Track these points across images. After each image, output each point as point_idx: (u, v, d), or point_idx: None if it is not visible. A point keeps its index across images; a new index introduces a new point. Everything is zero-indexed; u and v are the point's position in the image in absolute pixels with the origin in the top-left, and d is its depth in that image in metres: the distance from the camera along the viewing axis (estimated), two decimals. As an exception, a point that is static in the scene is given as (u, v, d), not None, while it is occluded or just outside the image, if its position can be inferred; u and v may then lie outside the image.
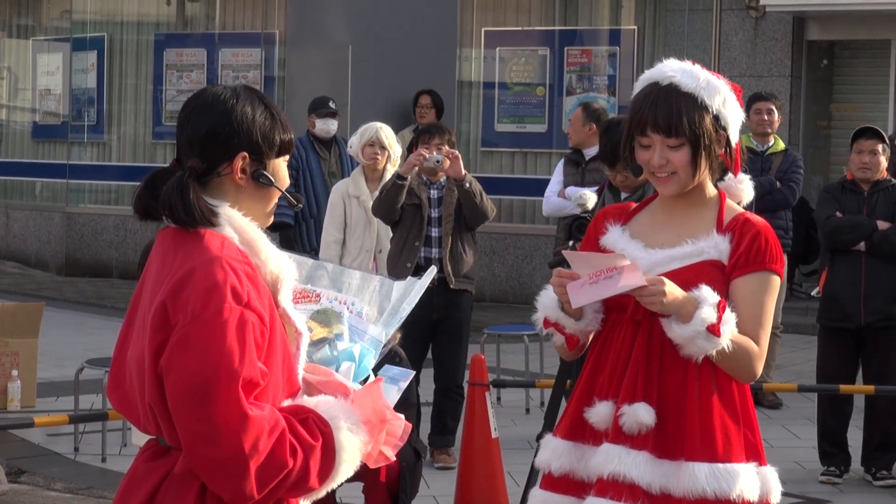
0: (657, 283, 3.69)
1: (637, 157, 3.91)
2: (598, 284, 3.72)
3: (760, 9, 14.60)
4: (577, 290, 3.75)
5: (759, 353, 3.81)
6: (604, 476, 3.78)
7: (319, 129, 11.04)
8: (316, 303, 3.26)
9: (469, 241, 8.44)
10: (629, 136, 3.92)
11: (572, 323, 3.90)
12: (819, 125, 15.39)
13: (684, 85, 3.87)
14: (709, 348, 3.71)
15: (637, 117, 3.88)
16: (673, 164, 3.84)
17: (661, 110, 3.83)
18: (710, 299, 3.71)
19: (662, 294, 3.67)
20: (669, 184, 3.87)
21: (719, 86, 3.90)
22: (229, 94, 3.13)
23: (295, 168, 10.71)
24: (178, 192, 3.03)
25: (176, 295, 2.95)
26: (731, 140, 3.93)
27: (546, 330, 3.97)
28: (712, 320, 3.69)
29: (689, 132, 3.81)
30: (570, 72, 15.52)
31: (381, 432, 3.10)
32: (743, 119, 4.00)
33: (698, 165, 3.85)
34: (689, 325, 3.69)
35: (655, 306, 3.70)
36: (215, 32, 17.52)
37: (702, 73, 3.91)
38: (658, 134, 3.83)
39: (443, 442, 8.45)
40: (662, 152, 3.84)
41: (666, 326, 3.76)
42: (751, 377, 3.83)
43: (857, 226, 8.21)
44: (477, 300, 9.59)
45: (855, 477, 8.29)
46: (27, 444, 8.85)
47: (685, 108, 3.83)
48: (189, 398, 2.90)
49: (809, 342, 12.08)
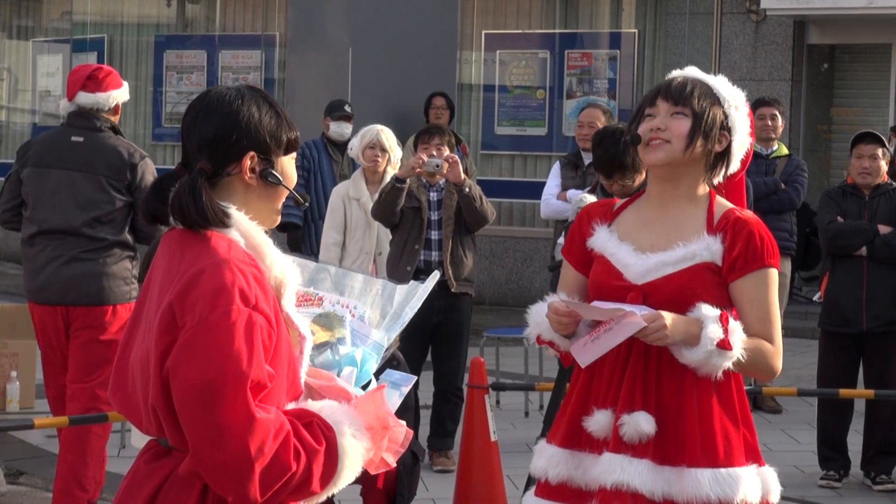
0: (656, 318, 3.69)
1: (639, 129, 3.93)
2: (599, 340, 3.77)
3: (761, 12, 14.60)
4: (581, 350, 3.83)
5: (774, 351, 3.83)
6: (607, 486, 3.77)
7: (333, 132, 11.04)
8: (318, 306, 3.26)
9: (469, 244, 8.42)
10: (639, 114, 3.96)
11: (567, 343, 3.93)
12: (819, 129, 15.40)
13: (707, 79, 3.97)
14: (724, 363, 3.73)
15: (651, 92, 3.97)
16: (670, 131, 3.86)
17: (675, 83, 3.92)
18: (712, 315, 3.71)
19: (664, 328, 3.68)
20: (658, 150, 3.88)
21: (738, 97, 3.98)
22: (234, 94, 3.13)
23: (307, 169, 10.72)
24: (190, 194, 3.02)
25: (183, 297, 2.95)
26: (731, 146, 3.92)
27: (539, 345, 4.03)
28: (720, 336, 3.69)
29: (696, 105, 3.87)
30: (570, 75, 15.52)
31: (383, 439, 3.10)
32: (748, 131, 4.01)
33: (693, 141, 3.86)
34: (700, 348, 3.70)
35: (662, 342, 3.71)
36: (215, 34, 17.52)
37: (725, 81, 4.01)
38: (667, 102, 3.89)
39: (442, 445, 8.44)
40: (665, 118, 3.88)
41: (677, 354, 3.76)
42: (772, 375, 3.88)
43: (858, 231, 8.21)
44: (476, 303, 9.59)
45: (854, 481, 8.29)
46: (26, 445, 8.84)
47: (699, 88, 3.91)
48: (196, 400, 2.89)
49: (809, 346, 12.07)
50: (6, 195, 7.17)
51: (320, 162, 10.91)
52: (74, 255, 6.92)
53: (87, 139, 7.04)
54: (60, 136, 7.12)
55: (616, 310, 3.73)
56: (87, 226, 6.94)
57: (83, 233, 6.93)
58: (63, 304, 6.93)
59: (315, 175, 10.83)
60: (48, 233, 6.98)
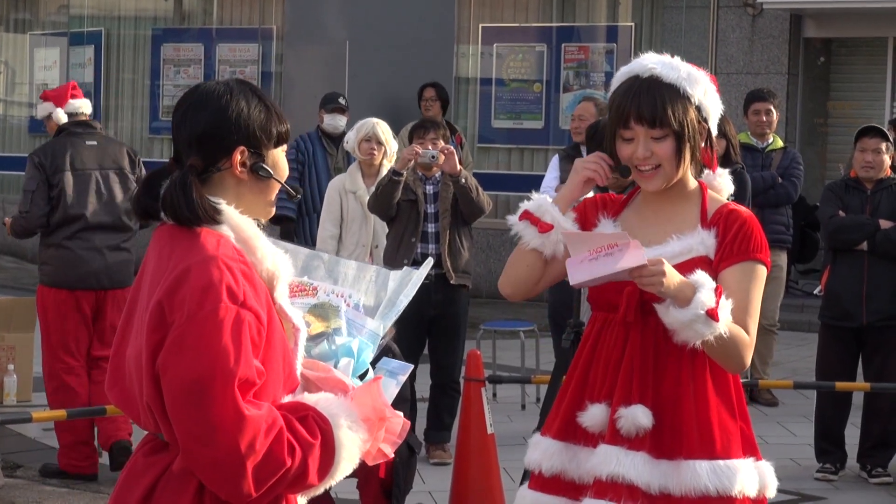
0: (657, 263, 3.64)
1: (619, 153, 3.85)
2: (598, 261, 3.64)
3: (757, 6, 14.60)
4: (576, 266, 3.67)
5: (749, 343, 3.77)
6: (602, 477, 3.76)
7: (327, 125, 11.01)
8: (313, 296, 3.25)
9: (466, 236, 8.43)
10: (612, 133, 3.87)
11: (556, 212, 3.88)
12: (816, 122, 15.40)
13: (666, 76, 3.82)
14: (706, 333, 3.66)
15: (620, 110, 3.82)
16: (657, 157, 3.80)
17: (644, 102, 3.78)
18: (708, 284, 3.69)
19: (662, 275, 3.63)
20: (654, 179, 3.83)
21: (699, 77, 3.86)
22: (223, 89, 3.12)
23: (301, 163, 10.69)
24: (180, 191, 3.02)
25: (172, 294, 2.94)
26: (711, 132, 3.91)
27: (518, 225, 3.91)
28: (711, 304, 3.65)
29: (674, 123, 3.78)
30: (567, 68, 15.52)
31: (380, 430, 3.09)
32: (723, 111, 3.96)
33: (682, 157, 3.81)
34: (688, 309, 3.65)
35: (654, 287, 3.65)
36: (213, 27, 17.51)
37: (682, 64, 3.87)
38: (642, 125, 3.78)
39: (438, 438, 8.45)
40: (646, 144, 3.79)
41: (661, 311, 3.71)
42: (741, 367, 3.80)
43: (859, 225, 8.21)
44: (473, 296, 9.59)
45: (850, 474, 8.29)
46: (23, 438, 8.84)
47: (669, 98, 3.79)
48: (185, 398, 2.89)
49: (805, 339, 12.09)
50: (40, 202, 8.12)
51: (315, 155, 10.89)
52: (115, 244, 8.06)
53: (98, 142, 8.14)
54: (78, 142, 8.09)
55: (621, 235, 3.68)
56: (123, 217, 8.09)
57: (121, 224, 8.10)
58: (102, 289, 8.02)
59: (309, 168, 10.80)
60: (95, 227, 8.04)
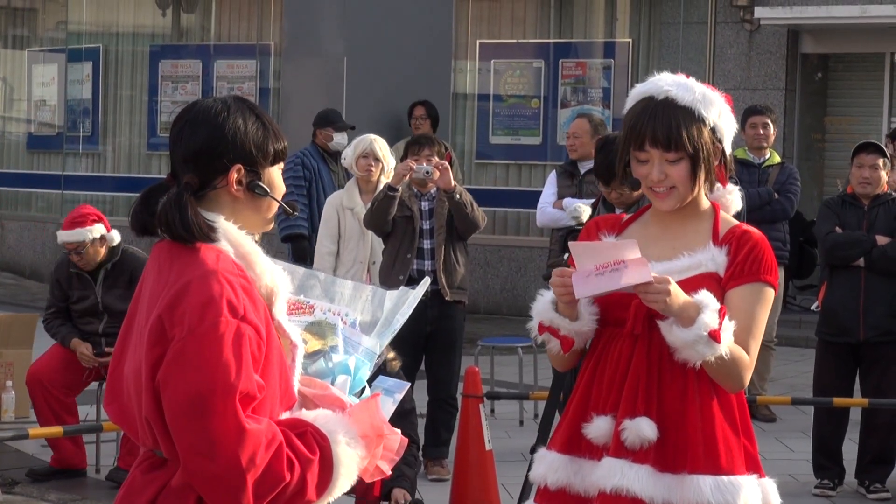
0: (663, 281, 3.65)
1: (634, 172, 3.87)
2: (603, 276, 3.63)
3: (755, 22, 14.63)
4: (582, 280, 3.66)
5: (749, 364, 3.79)
6: (606, 490, 3.76)
7: (337, 143, 11.01)
8: (310, 314, 3.26)
9: (461, 252, 8.43)
10: (625, 152, 3.89)
11: (567, 324, 3.86)
12: (813, 138, 15.42)
13: (681, 98, 3.85)
14: (707, 354, 3.68)
15: (634, 132, 3.84)
16: (672, 179, 3.82)
17: (659, 125, 3.81)
18: (712, 305, 3.70)
19: (667, 293, 3.64)
20: (668, 199, 3.85)
21: (714, 98, 3.89)
22: (220, 106, 3.12)
23: (308, 179, 10.70)
24: (175, 209, 3.02)
25: (172, 309, 2.95)
26: (726, 152, 3.94)
27: (541, 336, 3.94)
28: (714, 326, 3.66)
29: (688, 146, 3.80)
30: (564, 84, 15.54)
31: (377, 447, 3.10)
32: (736, 130, 4.00)
33: (697, 179, 3.84)
34: (691, 330, 3.66)
35: (658, 305, 3.66)
36: (210, 44, 17.53)
37: (697, 86, 3.90)
38: (657, 148, 3.81)
39: (436, 454, 8.44)
40: (661, 167, 3.82)
41: (664, 329, 3.72)
42: (739, 387, 3.81)
43: (855, 242, 8.22)
44: (471, 312, 9.60)
45: (848, 490, 8.29)
46: (21, 454, 8.84)
47: (684, 121, 3.81)
48: (186, 412, 2.90)
49: (803, 355, 12.09)
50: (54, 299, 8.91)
51: (319, 171, 10.90)
52: None
53: None
54: None
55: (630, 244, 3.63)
56: None
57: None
58: None
59: (316, 184, 10.81)
60: None
